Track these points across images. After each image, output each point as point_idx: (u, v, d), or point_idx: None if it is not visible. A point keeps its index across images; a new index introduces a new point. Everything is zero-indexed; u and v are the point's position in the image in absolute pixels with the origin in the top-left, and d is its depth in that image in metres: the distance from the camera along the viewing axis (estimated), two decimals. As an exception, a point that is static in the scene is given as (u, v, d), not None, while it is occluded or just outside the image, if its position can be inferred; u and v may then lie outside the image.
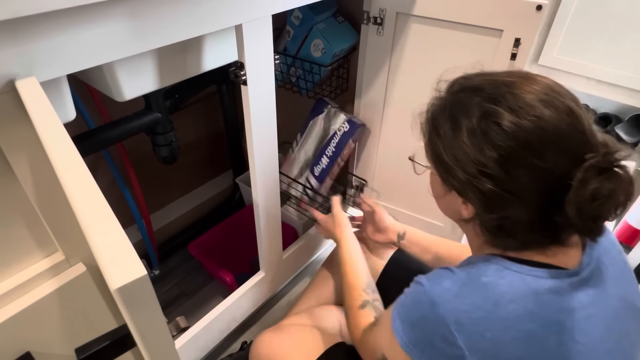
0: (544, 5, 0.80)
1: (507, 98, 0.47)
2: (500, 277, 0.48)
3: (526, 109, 0.45)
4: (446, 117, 0.52)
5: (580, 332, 0.47)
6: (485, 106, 0.47)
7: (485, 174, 0.47)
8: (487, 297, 0.47)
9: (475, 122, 0.48)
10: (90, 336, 0.42)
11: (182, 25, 0.59)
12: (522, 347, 0.46)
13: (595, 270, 0.50)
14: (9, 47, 0.44)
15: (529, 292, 0.47)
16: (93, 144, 0.91)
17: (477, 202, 0.50)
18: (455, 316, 0.47)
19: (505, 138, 0.45)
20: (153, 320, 0.30)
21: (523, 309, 0.46)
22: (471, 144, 0.48)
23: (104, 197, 0.33)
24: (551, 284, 0.47)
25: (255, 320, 1.23)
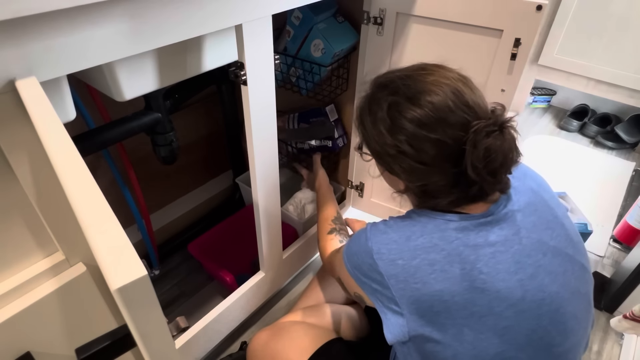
0: (544, 5, 0.80)
1: (405, 90, 0.58)
2: (417, 221, 0.61)
3: (419, 96, 0.57)
4: (367, 112, 0.64)
5: (485, 264, 0.56)
6: (389, 99, 0.60)
7: (402, 152, 0.59)
8: (403, 233, 0.60)
9: (385, 114, 0.60)
10: (90, 336, 0.42)
11: (182, 26, 0.59)
12: (427, 273, 0.56)
13: (505, 217, 0.59)
14: (9, 47, 0.44)
15: (436, 229, 0.59)
16: (93, 144, 0.91)
17: (403, 176, 0.62)
18: (377, 247, 0.60)
19: (407, 122, 0.57)
20: (153, 320, 0.30)
21: (429, 242, 0.58)
22: (386, 131, 0.60)
23: (104, 197, 0.33)
24: (456, 225, 0.58)
25: (255, 320, 1.23)
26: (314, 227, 1.31)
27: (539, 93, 2.38)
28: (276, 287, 1.21)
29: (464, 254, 0.56)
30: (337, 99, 1.25)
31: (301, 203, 1.37)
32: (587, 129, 2.14)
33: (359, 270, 0.63)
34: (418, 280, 0.56)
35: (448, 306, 0.55)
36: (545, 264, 0.58)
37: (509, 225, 0.59)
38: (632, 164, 1.97)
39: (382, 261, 0.59)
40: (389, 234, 0.61)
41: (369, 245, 0.61)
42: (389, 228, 0.62)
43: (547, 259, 0.59)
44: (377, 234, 0.62)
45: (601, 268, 1.44)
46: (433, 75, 0.59)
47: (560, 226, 0.63)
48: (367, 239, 0.62)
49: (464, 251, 0.56)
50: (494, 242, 0.57)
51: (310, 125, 1.26)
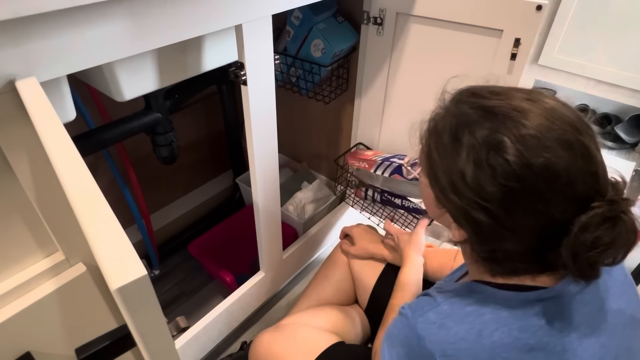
0: (544, 5, 0.80)
1: (520, 130, 0.42)
2: (485, 306, 0.47)
3: (540, 147, 0.41)
4: (449, 135, 0.47)
5: (573, 354, 0.45)
6: (494, 135, 0.43)
7: (483, 207, 0.44)
8: (471, 327, 0.46)
9: (480, 151, 0.43)
10: (90, 336, 0.42)
11: (182, 25, 0.59)
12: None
13: (586, 289, 0.48)
14: (9, 47, 0.44)
15: (513, 317, 0.46)
16: (93, 144, 0.91)
17: (470, 231, 0.48)
18: (441, 348, 0.47)
19: (510, 177, 0.42)
20: (153, 320, 0.30)
21: (508, 336, 0.45)
22: (472, 173, 0.44)
23: (104, 197, 0.33)
24: (537, 308, 0.46)
25: (255, 320, 1.23)
26: (314, 227, 1.31)
27: (539, 93, 2.38)
28: (276, 287, 1.21)
29: (550, 346, 0.45)
30: (337, 99, 1.25)
31: (301, 203, 1.37)
32: (587, 129, 2.14)
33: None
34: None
35: None
36: (625, 340, 0.49)
37: (592, 298, 0.48)
38: (632, 164, 1.96)
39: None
40: (451, 329, 0.47)
41: (427, 347, 0.47)
42: (446, 319, 0.48)
43: (627, 333, 0.50)
44: (433, 330, 0.48)
45: (601, 268, 1.43)
46: (558, 117, 0.43)
47: (630, 286, 0.53)
48: (420, 339, 0.48)
49: (550, 342, 0.45)
50: (578, 324, 0.46)
51: (411, 183, 1.00)
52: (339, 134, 1.36)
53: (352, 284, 0.99)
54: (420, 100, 1.06)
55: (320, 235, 1.32)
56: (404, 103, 1.10)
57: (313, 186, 1.42)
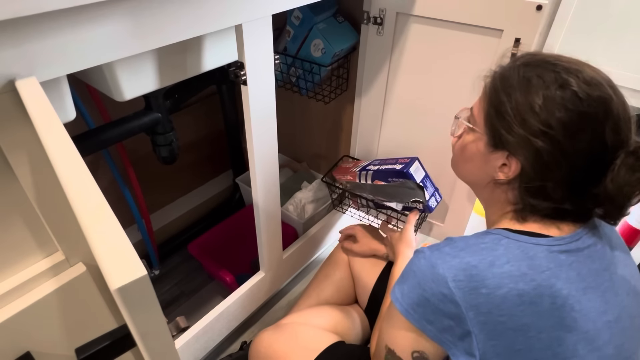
0: (544, 5, 0.80)
1: (580, 74, 0.51)
2: (498, 244, 0.52)
3: (597, 85, 0.50)
4: (518, 78, 0.54)
5: (577, 301, 0.49)
6: (561, 77, 0.51)
7: (547, 134, 0.50)
8: (484, 258, 0.51)
9: (550, 87, 0.51)
10: (90, 336, 0.42)
11: (182, 25, 0.59)
12: (515, 304, 0.49)
13: (594, 246, 0.53)
14: (9, 47, 0.44)
15: (523, 256, 0.50)
16: (93, 144, 0.91)
17: (528, 162, 0.52)
18: (453, 273, 0.50)
19: (577, 103, 0.49)
20: (153, 320, 0.30)
21: (517, 270, 0.49)
22: (543, 103, 0.50)
23: (104, 197, 0.33)
24: (546, 251, 0.51)
25: (255, 320, 1.23)
26: (314, 227, 1.31)
27: (539, 93, 2.37)
28: (276, 287, 1.21)
29: (556, 287, 0.49)
30: (337, 99, 1.25)
31: (301, 203, 1.37)
32: (587, 129, 2.14)
33: (425, 306, 0.53)
34: (504, 312, 0.49)
35: (531, 343, 0.49)
36: (627, 306, 0.53)
37: (600, 258, 0.53)
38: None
39: (460, 290, 0.50)
40: (464, 258, 0.51)
41: (440, 272, 0.51)
42: (460, 251, 0.53)
43: (629, 300, 0.54)
44: (447, 258, 0.52)
45: (601, 268, 1.43)
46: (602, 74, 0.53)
47: (632, 262, 0.58)
48: (434, 266, 0.52)
49: (556, 283, 0.49)
50: (585, 275, 0.51)
51: (391, 186, 1.01)
52: (339, 134, 1.36)
53: (352, 283, 0.99)
54: (420, 100, 1.06)
55: (320, 235, 1.32)
56: (404, 103, 1.10)
57: (313, 186, 1.42)
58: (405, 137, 1.15)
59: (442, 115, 1.04)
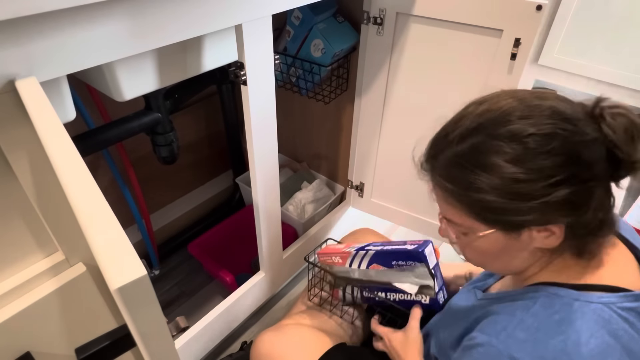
0: (544, 5, 0.80)
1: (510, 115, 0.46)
2: (572, 312, 0.45)
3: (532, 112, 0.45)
4: (468, 168, 0.47)
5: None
6: (501, 132, 0.45)
7: (557, 181, 0.44)
8: (567, 337, 0.44)
9: (508, 149, 0.44)
10: (90, 336, 0.42)
11: (182, 25, 0.59)
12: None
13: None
14: (9, 47, 0.44)
15: (602, 322, 0.44)
16: (93, 144, 0.91)
17: (564, 213, 0.45)
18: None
19: (547, 139, 0.43)
20: (153, 320, 0.30)
21: (603, 343, 0.43)
22: (523, 168, 0.44)
23: (104, 197, 0.33)
24: (619, 311, 0.45)
25: (255, 320, 1.23)
26: (314, 227, 1.31)
27: (539, 93, 2.38)
28: (276, 287, 1.21)
29: (634, 351, 0.44)
30: (337, 99, 1.25)
31: (301, 203, 1.37)
32: (587, 129, 2.14)
33: None
34: None
35: None
36: None
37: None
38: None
39: None
40: (547, 342, 0.44)
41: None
42: (537, 333, 0.45)
43: None
44: (528, 348, 0.44)
45: (601, 268, 1.43)
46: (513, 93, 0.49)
47: None
48: (513, 354, 0.44)
49: (634, 348, 0.44)
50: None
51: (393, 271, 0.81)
52: (339, 134, 1.36)
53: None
54: (420, 100, 1.06)
55: (320, 235, 1.32)
56: (404, 103, 1.10)
57: (313, 186, 1.42)
58: (405, 137, 1.15)
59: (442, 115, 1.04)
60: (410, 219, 1.26)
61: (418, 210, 1.24)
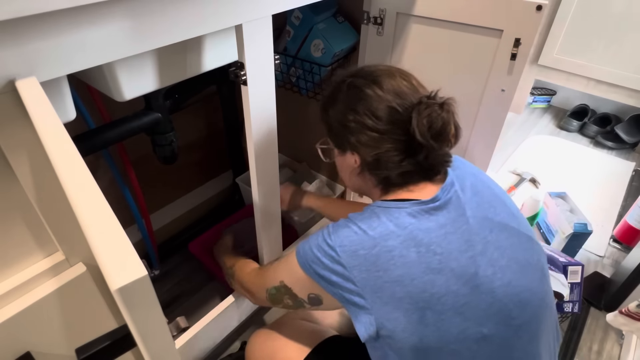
0: (544, 5, 0.80)
1: (363, 75, 0.68)
2: (374, 213, 0.63)
3: (377, 78, 0.66)
4: (330, 100, 0.72)
5: (438, 245, 0.59)
6: (349, 80, 0.68)
7: (360, 123, 0.65)
8: (361, 226, 0.62)
9: (346, 93, 0.68)
10: (90, 336, 0.42)
11: (182, 25, 0.59)
12: (386, 258, 0.58)
13: (451, 200, 0.63)
14: (9, 47, 0.44)
15: (391, 217, 0.61)
16: (93, 144, 0.91)
17: (361, 148, 0.67)
18: (339, 241, 0.61)
19: (367, 96, 0.65)
20: (153, 320, 0.30)
21: (385, 230, 0.60)
22: (348, 108, 0.67)
23: (104, 197, 0.33)
24: (409, 211, 0.61)
25: (255, 320, 1.23)
26: (314, 227, 1.31)
27: (539, 93, 2.38)
28: (276, 287, 1.21)
29: (418, 238, 0.59)
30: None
31: (301, 203, 1.37)
32: (587, 129, 2.14)
33: (319, 264, 0.63)
34: (380, 268, 0.58)
35: (409, 290, 0.57)
36: (492, 240, 0.62)
37: (455, 207, 0.63)
38: (632, 164, 1.97)
39: (344, 253, 0.60)
40: (351, 227, 0.62)
41: (332, 240, 0.62)
42: (349, 222, 0.64)
43: (494, 235, 0.62)
44: (338, 229, 0.63)
45: (601, 268, 1.44)
46: (383, 69, 0.69)
47: (502, 203, 0.68)
48: (330, 234, 0.63)
49: (418, 235, 0.59)
50: (443, 223, 0.61)
51: None
52: (339, 134, 1.36)
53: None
54: (420, 100, 1.06)
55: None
56: (404, 103, 1.10)
57: (313, 186, 1.42)
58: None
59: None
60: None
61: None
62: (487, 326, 0.58)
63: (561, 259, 1.13)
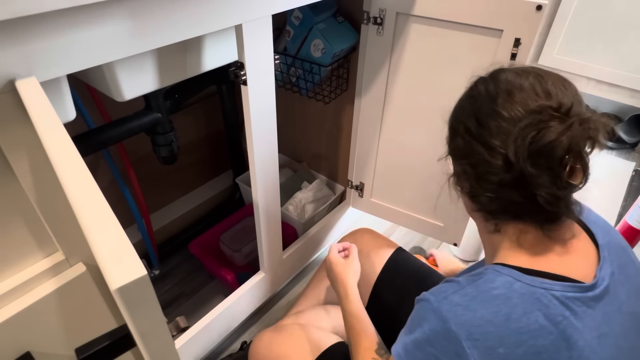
0: (544, 5, 0.80)
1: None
2: (512, 290, 0.47)
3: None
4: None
5: (591, 351, 0.46)
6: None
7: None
8: (499, 310, 0.46)
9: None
10: (90, 336, 0.42)
11: (182, 25, 0.59)
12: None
13: (610, 286, 0.49)
14: (9, 47, 0.44)
15: (539, 305, 0.46)
16: (93, 144, 0.91)
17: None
18: (468, 331, 0.46)
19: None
20: (153, 320, 0.30)
21: (535, 323, 0.45)
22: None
23: (104, 197, 0.33)
24: (560, 296, 0.46)
25: (255, 320, 1.23)
26: (314, 227, 1.31)
27: (539, 93, 2.37)
28: (276, 287, 1.21)
29: (573, 339, 0.45)
30: (337, 99, 1.25)
31: (301, 203, 1.37)
32: (587, 129, 2.14)
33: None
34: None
35: None
36: (635, 345, 0.50)
37: (612, 300, 0.49)
38: (632, 164, 1.97)
39: (476, 349, 0.45)
40: (478, 311, 0.46)
41: (453, 330, 0.46)
42: (472, 301, 0.47)
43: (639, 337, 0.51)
44: (459, 311, 0.47)
45: (601, 268, 1.43)
46: None
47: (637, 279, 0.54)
48: (445, 321, 0.47)
49: (572, 334, 0.45)
50: (600, 322, 0.47)
51: None
52: (339, 134, 1.36)
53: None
54: (420, 100, 1.06)
55: (320, 235, 1.32)
56: (404, 103, 1.10)
57: (313, 186, 1.42)
58: (405, 137, 1.15)
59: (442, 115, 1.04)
60: (410, 219, 1.26)
61: (418, 210, 1.24)
62: None
63: None
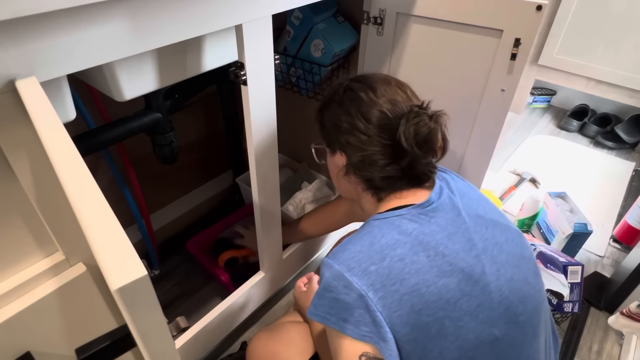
0: (544, 5, 0.80)
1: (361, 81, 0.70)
2: (372, 227, 0.62)
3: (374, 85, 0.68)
4: (326, 103, 0.73)
5: (445, 247, 0.58)
6: (346, 83, 0.71)
7: (353, 125, 0.66)
8: (364, 241, 0.60)
9: (342, 95, 0.70)
10: (90, 336, 0.42)
11: (182, 26, 0.59)
12: (399, 268, 0.56)
13: (445, 201, 0.64)
14: (9, 47, 0.44)
15: (392, 226, 0.60)
16: (93, 144, 0.91)
17: (349, 149, 0.68)
18: (347, 265, 0.58)
19: (361, 100, 0.67)
20: (153, 320, 0.30)
21: (391, 239, 0.59)
22: (342, 109, 0.68)
23: (104, 197, 0.33)
24: (408, 217, 0.61)
25: (255, 320, 1.23)
26: (314, 227, 1.30)
27: (539, 93, 2.38)
28: (276, 287, 1.21)
29: (425, 241, 0.58)
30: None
31: (301, 203, 1.37)
32: (587, 129, 2.14)
33: (336, 306, 0.57)
34: (394, 279, 0.56)
35: (426, 300, 0.55)
36: (489, 237, 0.62)
37: (451, 208, 0.63)
38: (632, 164, 1.97)
39: (355, 276, 0.56)
40: (351, 248, 0.59)
41: (337, 269, 0.58)
42: (347, 244, 0.61)
43: (490, 232, 0.63)
44: (338, 255, 0.60)
45: (601, 268, 1.44)
46: (381, 77, 0.70)
47: (487, 201, 0.70)
48: (331, 266, 0.59)
49: (424, 238, 0.59)
50: (444, 225, 0.61)
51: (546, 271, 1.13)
52: (339, 134, 1.36)
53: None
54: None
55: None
56: (404, 103, 1.10)
57: (313, 186, 1.42)
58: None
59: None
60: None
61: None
62: (498, 326, 0.58)
63: (561, 259, 1.14)
